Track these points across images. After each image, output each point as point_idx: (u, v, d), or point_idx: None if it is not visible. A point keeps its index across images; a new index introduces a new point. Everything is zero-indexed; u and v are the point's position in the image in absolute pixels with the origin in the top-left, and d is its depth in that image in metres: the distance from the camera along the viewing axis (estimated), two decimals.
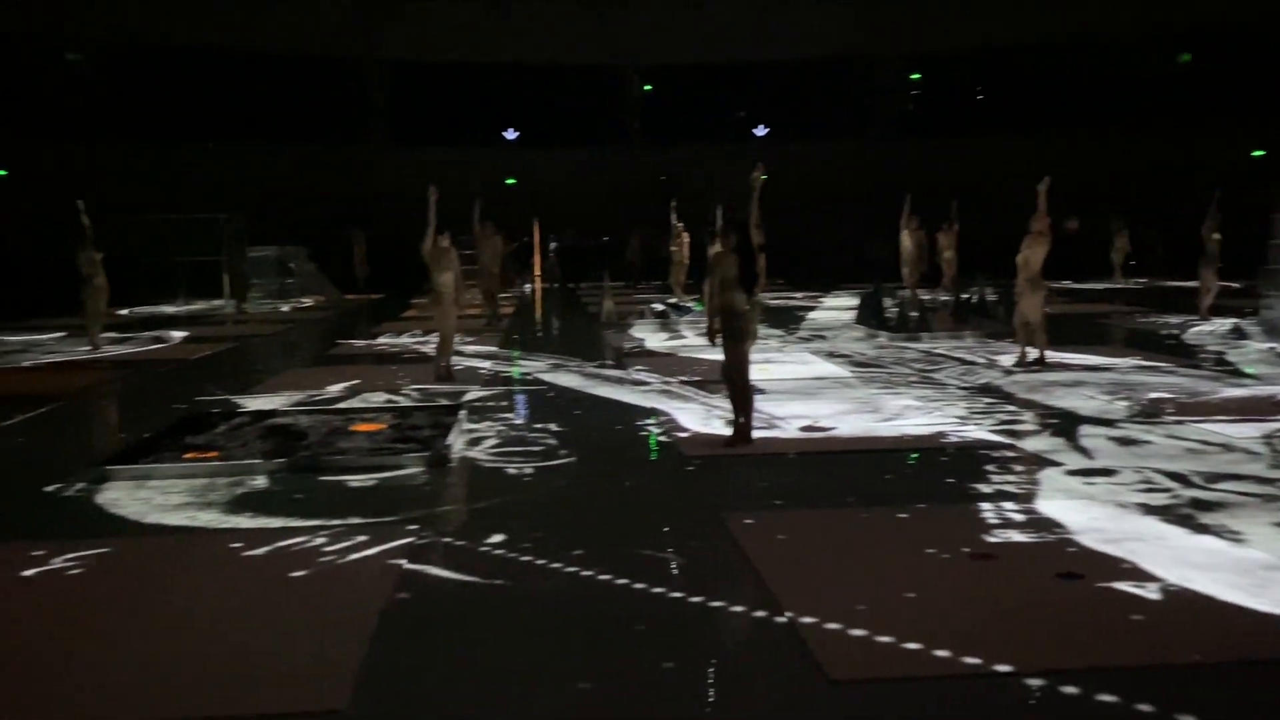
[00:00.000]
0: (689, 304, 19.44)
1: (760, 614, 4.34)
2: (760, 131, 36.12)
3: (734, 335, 7.40)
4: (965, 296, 17.50)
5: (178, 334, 17.36)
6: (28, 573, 4.95)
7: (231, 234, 24.05)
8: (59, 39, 29.36)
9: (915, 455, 7.36)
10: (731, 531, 5.47)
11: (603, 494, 6.55)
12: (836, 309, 19.92)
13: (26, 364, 13.61)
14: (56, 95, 29.41)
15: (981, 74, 36.11)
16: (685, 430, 8.26)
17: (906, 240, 19.78)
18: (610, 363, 12.52)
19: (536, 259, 29.83)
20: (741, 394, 7.54)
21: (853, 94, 36.04)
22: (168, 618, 4.39)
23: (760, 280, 7.59)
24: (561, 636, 4.19)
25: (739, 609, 4.42)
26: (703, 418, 8.69)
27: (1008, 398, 9.50)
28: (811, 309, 20.20)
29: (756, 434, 7.69)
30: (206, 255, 24.71)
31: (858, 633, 4.07)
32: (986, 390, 9.91)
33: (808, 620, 4.19)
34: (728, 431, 7.79)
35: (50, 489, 6.64)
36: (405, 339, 15.87)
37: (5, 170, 27.48)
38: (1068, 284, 23.63)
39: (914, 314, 16.48)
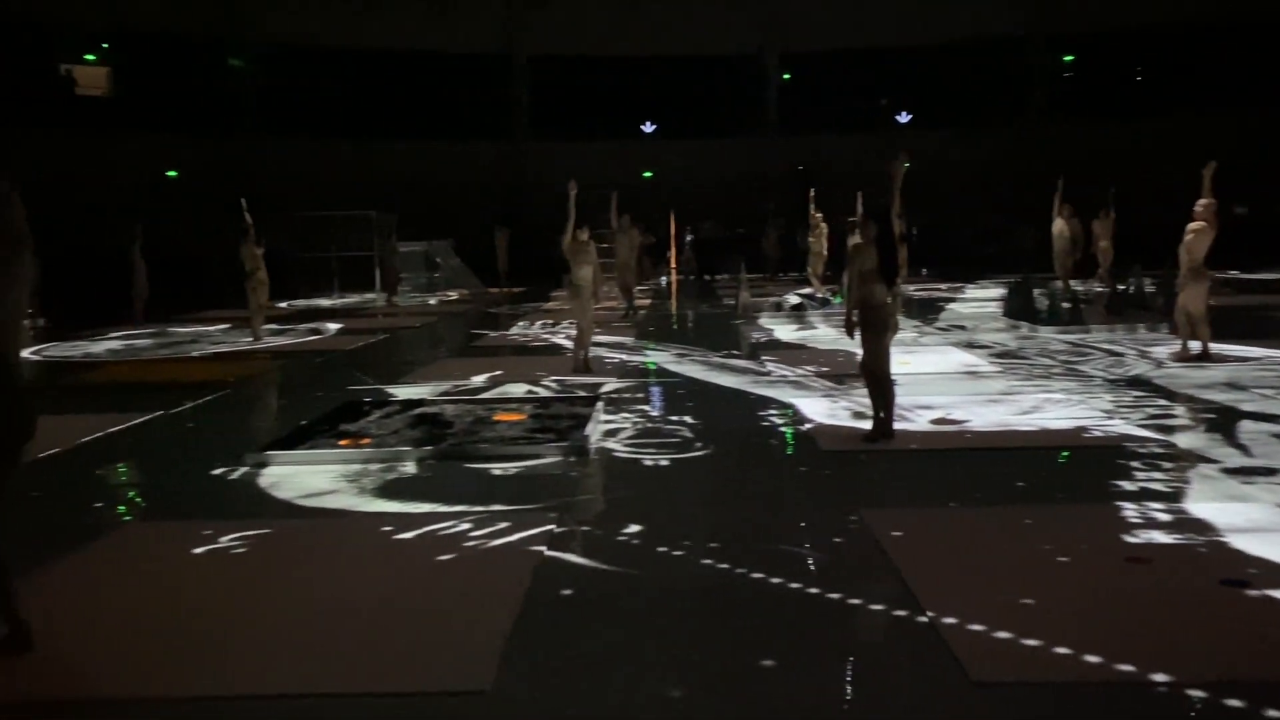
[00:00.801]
0: (827, 296, 19.17)
1: (900, 613, 4.27)
2: (903, 118, 35.28)
3: (874, 328, 7.27)
4: (1122, 287, 16.68)
5: (333, 326, 18.17)
6: (197, 550, 5.28)
7: (383, 230, 25.03)
8: (223, 44, 31.07)
9: (1066, 454, 7.08)
10: (870, 528, 5.38)
11: (739, 487, 6.55)
12: (980, 300, 19.30)
13: (195, 354, 14.49)
14: (221, 98, 31.14)
15: (1140, 53, 34.29)
16: (817, 423, 8.16)
17: (1059, 228, 18.99)
18: (744, 355, 12.48)
19: (673, 252, 29.95)
20: (881, 388, 7.40)
21: (1002, 77, 34.78)
22: (323, 596, 4.61)
23: (901, 271, 7.42)
24: (697, 628, 4.21)
25: (878, 607, 4.35)
26: (833, 411, 8.59)
27: (1159, 391, 9.04)
28: (953, 300, 19.65)
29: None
30: (360, 251, 25.81)
31: (1002, 634, 3.95)
32: (1136, 383, 9.45)
33: (949, 620, 4.09)
34: (859, 425, 7.65)
35: (217, 472, 7.06)
36: (542, 330, 16.19)
37: (175, 171, 29.28)
38: (1234, 274, 22.25)
39: (1066, 305, 15.82)
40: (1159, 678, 3.55)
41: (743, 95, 35.73)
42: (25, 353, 3.62)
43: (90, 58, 30.63)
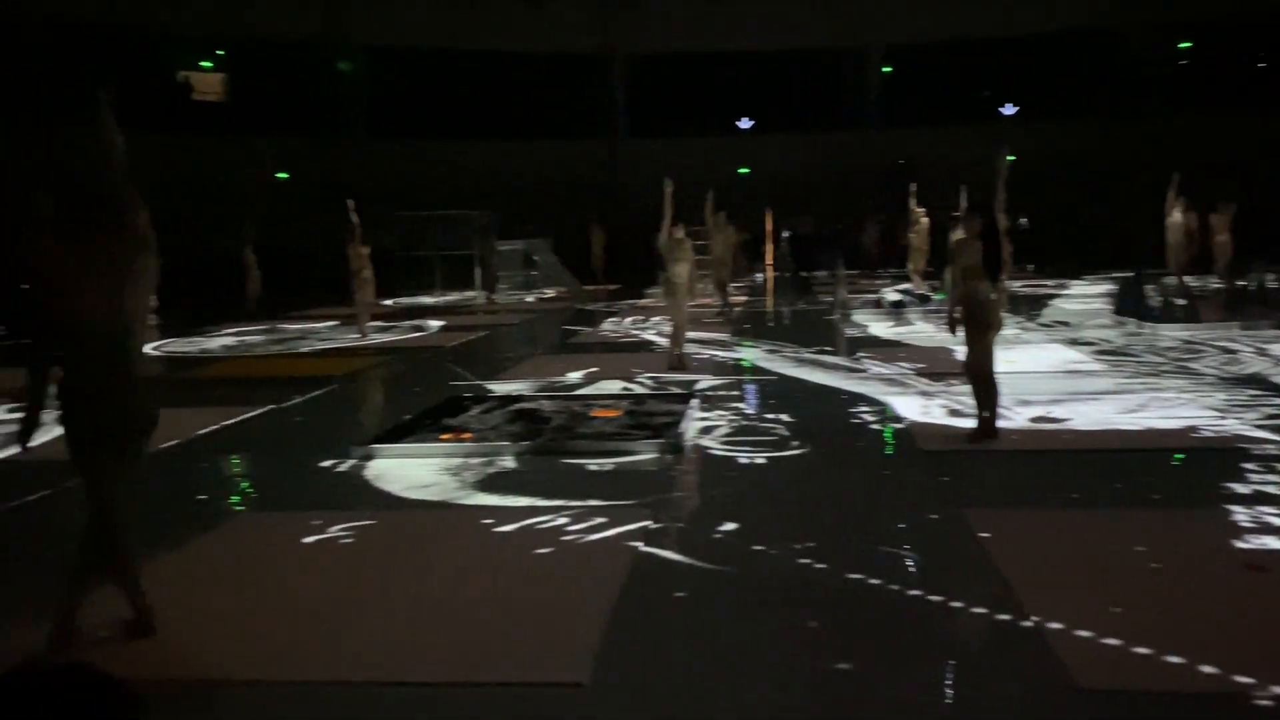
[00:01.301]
0: (928, 293, 18.81)
1: (1003, 616, 4.17)
2: (1008, 110, 34.36)
3: (977, 326, 7.11)
4: (1242, 284, 15.96)
5: (435, 323, 18.57)
6: (307, 539, 5.47)
7: (483, 229, 25.47)
8: (330, 49, 31.99)
9: (1180, 456, 6.82)
10: (973, 529, 5.28)
11: (836, 485, 6.48)
12: (1086, 296, 18.69)
13: (304, 350, 14.98)
14: (329, 102, 32.08)
15: (1261, 40, 32.70)
16: (914, 421, 8.03)
17: (1174, 222, 18.26)
18: (841, 353, 12.34)
19: (769, 248, 29.75)
20: (985, 387, 7.24)
21: (1113, 66, 33.56)
22: (425, 586, 4.73)
23: (1006, 267, 7.25)
24: (793, 628, 4.19)
25: (980, 610, 4.26)
26: (927, 409, 8.44)
27: (1277, 390, 8.62)
28: (1059, 296, 19.08)
29: (971, 422, 7.37)
30: (461, 250, 26.33)
31: (1111, 641, 3.83)
32: (1252, 381, 9.03)
33: (1055, 625, 3.99)
34: (955, 423, 7.50)
35: (325, 464, 7.30)
36: (635, 327, 16.27)
37: (286, 173, 30.28)
38: None
39: (1180, 301, 15.21)
40: None
41: (842, 89, 35.26)
42: (147, 348, 3.80)
43: (206, 65, 31.89)
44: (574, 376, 11.08)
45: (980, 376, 7.22)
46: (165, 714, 1.07)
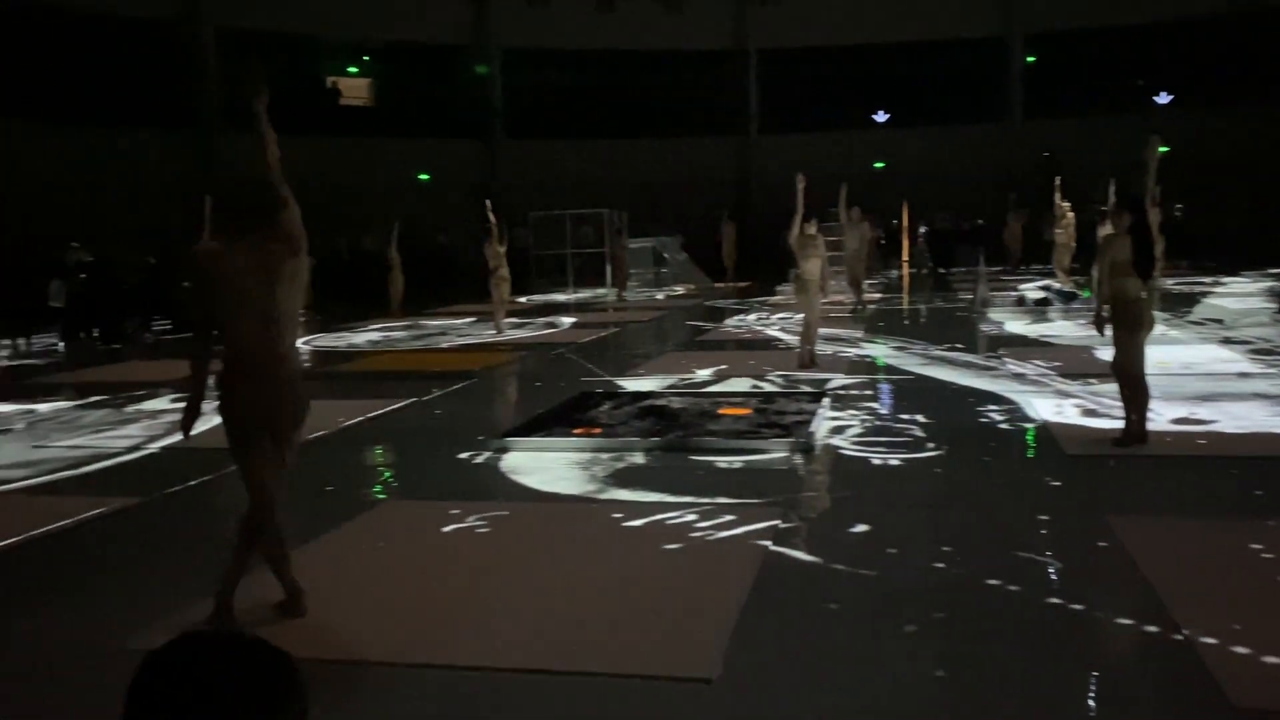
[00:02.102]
0: (1073, 290, 18.06)
1: (1151, 629, 3.99)
2: (1162, 99, 32.64)
3: (1126, 325, 6.80)
4: None
5: (567, 320, 18.87)
6: (445, 528, 5.65)
7: (614, 227, 25.75)
8: (469, 52, 32.85)
9: None
10: (1118, 537, 5.05)
11: (974, 489, 6.31)
12: (1243, 293, 17.61)
13: (444, 345, 15.45)
14: (468, 103, 32.95)
15: None
16: (1055, 423, 7.73)
17: None
18: (980, 351, 11.97)
19: (905, 244, 29.09)
20: (1134, 389, 6.92)
21: (1275, 51, 31.46)
22: (558, 578, 4.83)
23: (1157, 264, 6.91)
24: (925, 632, 4.10)
25: (1126, 621, 4.08)
26: (1060, 408, 8.12)
27: None
28: (1213, 293, 18.04)
29: (1110, 424, 7.03)
30: (593, 247, 26.68)
31: (1271, 659, 3.62)
32: None
33: (1208, 640, 3.79)
34: (1093, 424, 7.18)
35: (463, 456, 7.52)
36: (765, 325, 16.16)
37: (428, 174, 31.25)
38: None
39: None
40: None
41: (983, 80, 34.13)
42: (299, 343, 4.02)
43: (353, 70, 33.20)
44: (703, 374, 11.09)
45: (1129, 378, 6.90)
46: (313, 692, 1.16)
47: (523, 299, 23.14)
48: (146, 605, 4.58)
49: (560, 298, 25.00)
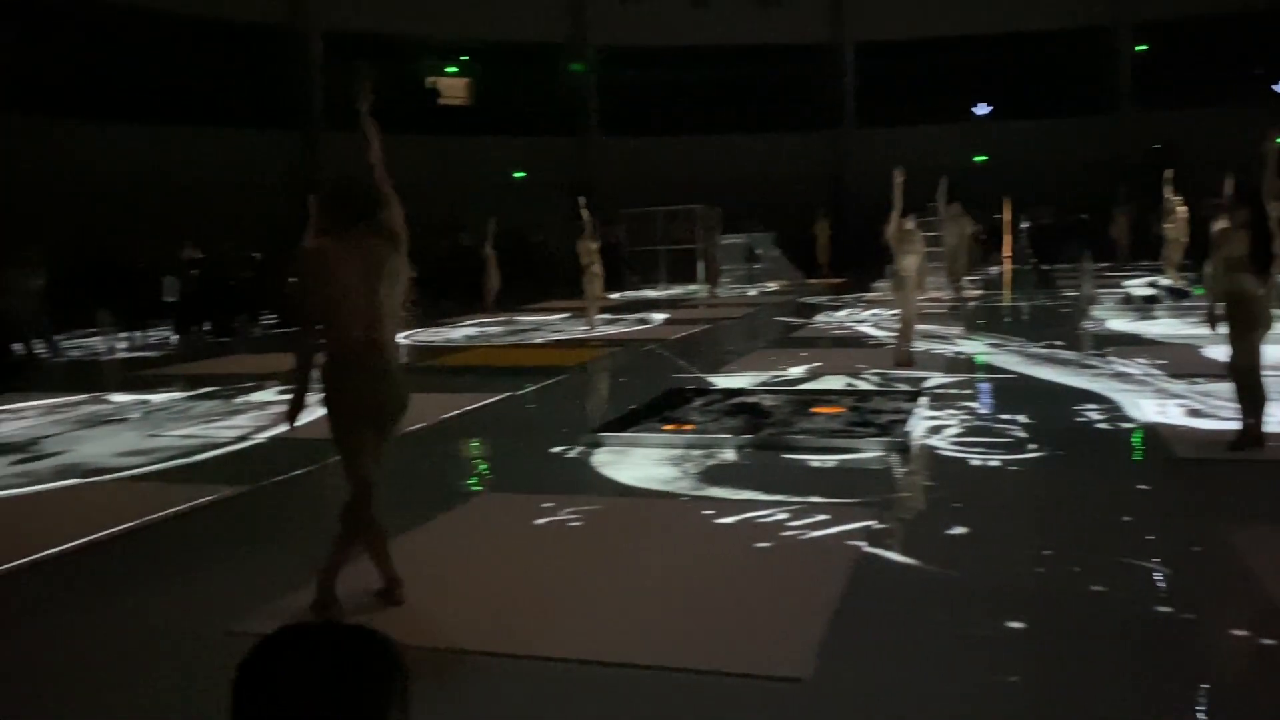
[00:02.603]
0: (1185, 287, 17.36)
1: (1268, 641, 3.81)
2: None
3: (1242, 323, 6.51)
4: None
5: (659, 316, 18.91)
6: (538, 521, 5.72)
7: (707, 223, 25.69)
8: (565, 50, 33.14)
9: None
10: (1233, 545, 4.84)
11: (1078, 492, 6.11)
12: None
13: (538, 341, 15.63)
14: (563, 101, 33.25)
15: None
16: (1169, 424, 7.43)
17: None
18: (1085, 349, 11.60)
19: (1006, 239, 28.35)
20: (1250, 391, 6.62)
21: None
22: (649, 573, 4.84)
23: (1276, 260, 6.59)
24: (1024, 639, 3.99)
25: (1241, 633, 3.91)
26: (1185, 413, 7.79)
27: None
28: None
29: (1217, 425, 6.72)
30: (685, 244, 26.67)
31: None
32: None
33: None
34: (1203, 425, 6.88)
35: (555, 450, 7.59)
36: (860, 321, 15.93)
37: (523, 172, 31.65)
38: None
39: None
40: None
41: (1089, 70, 33.03)
42: (399, 337, 4.12)
43: (451, 70, 33.81)
44: (796, 371, 10.99)
45: (1245, 379, 6.60)
46: (413, 678, 1.21)
47: (615, 295, 23.25)
48: (251, 590, 4.74)
49: (652, 294, 25.06)
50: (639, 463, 7.03)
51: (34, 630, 4.51)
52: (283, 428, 4.77)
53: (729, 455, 7.19)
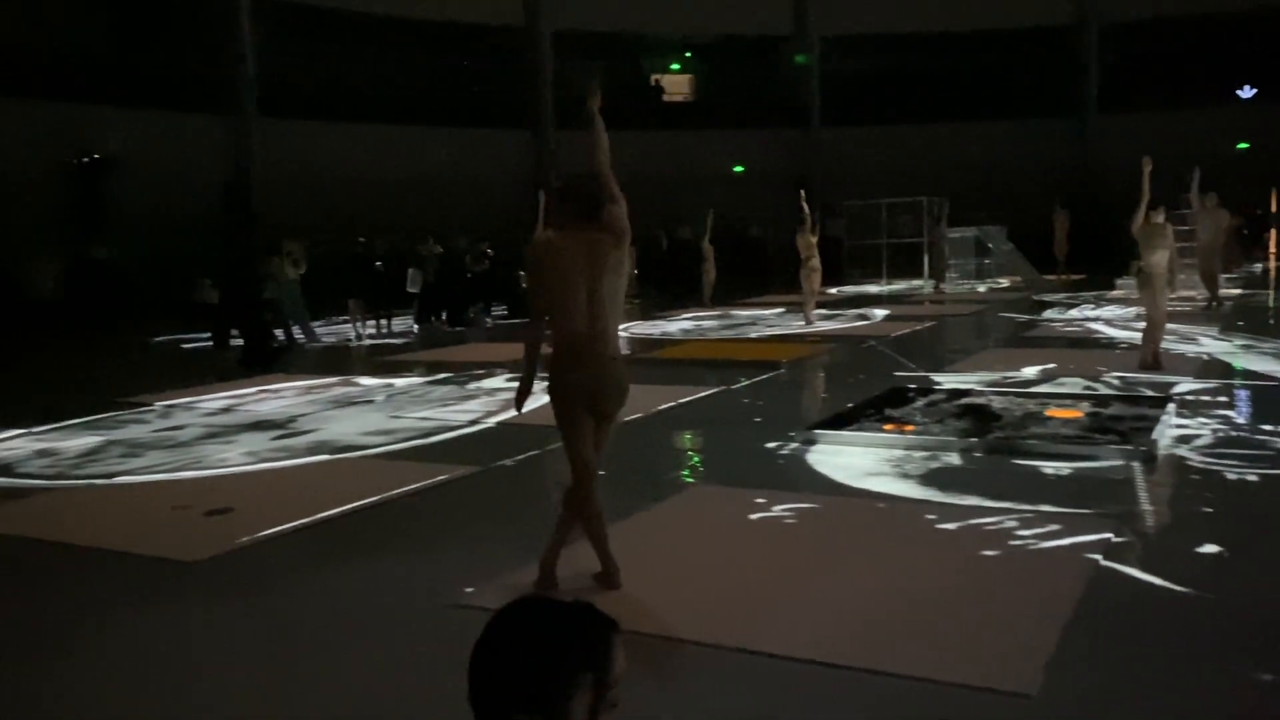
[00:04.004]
0: None
1: None
2: None
3: None
4: None
5: (880, 312, 18.45)
6: (752, 516, 5.70)
7: (933, 215, 24.81)
8: (789, 42, 32.86)
9: None
10: None
11: None
12: None
13: (753, 335, 15.60)
14: (786, 94, 32.99)
15: None
16: None
17: None
18: None
19: (1273, 234, 25.83)
20: None
21: None
22: (866, 574, 4.72)
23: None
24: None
25: None
26: None
27: None
28: None
29: None
30: (909, 237, 25.88)
31: None
32: None
33: None
34: None
35: (770, 445, 7.55)
36: (1099, 320, 14.93)
37: (742, 166, 31.63)
38: None
39: None
40: None
41: None
42: (620, 329, 4.22)
43: (675, 67, 34.27)
44: (1029, 372, 10.43)
45: None
46: (630, 661, 1.32)
47: (833, 290, 22.87)
48: (479, 565, 4.98)
49: (873, 289, 24.48)
50: (856, 462, 6.88)
51: (290, 588, 4.93)
52: (511, 413, 4.98)
53: (953, 458, 6.91)
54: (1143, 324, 10.56)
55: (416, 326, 18.22)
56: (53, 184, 21.79)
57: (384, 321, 17.80)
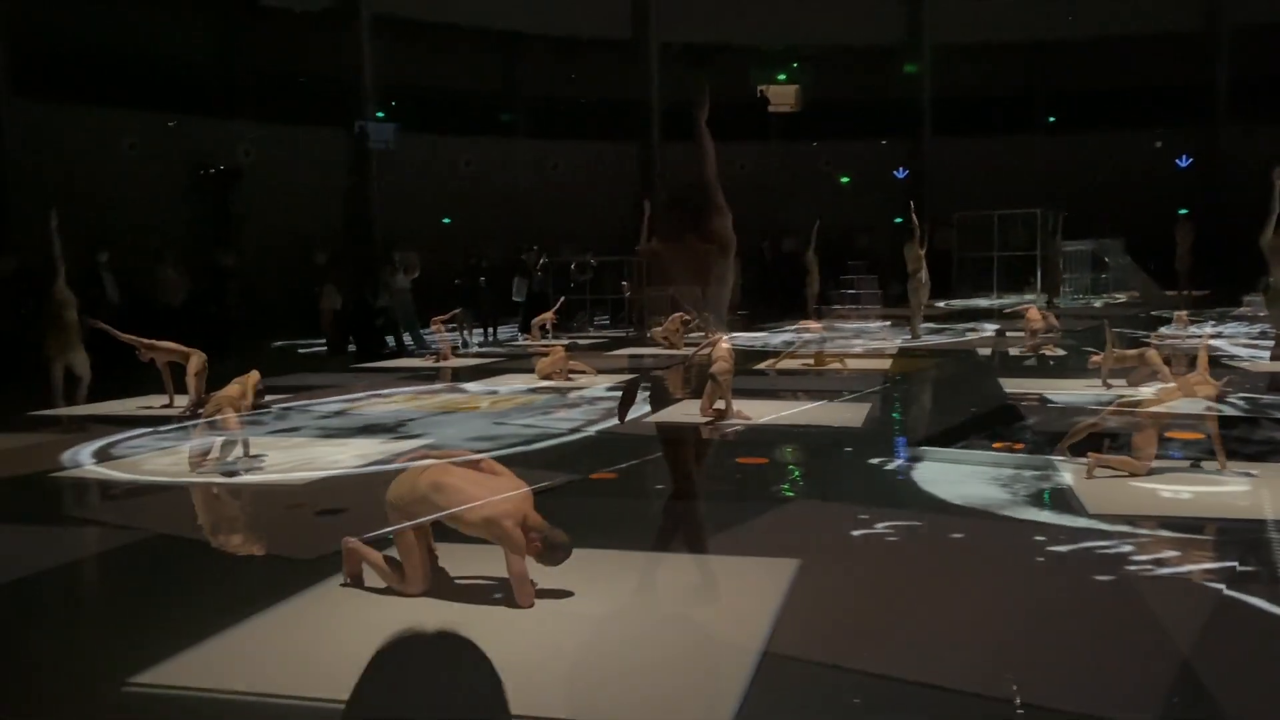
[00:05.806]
0: None
1: None
2: None
3: None
4: None
5: (990, 327, 17.98)
6: (855, 532, 5.62)
7: (1048, 228, 24.07)
8: (900, 51, 32.36)
9: None
10: None
11: None
12: None
13: (858, 348, 15.37)
14: (894, 103, 32.47)
15: None
16: None
17: None
18: None
19: None
20: None
21: None
22: (971, 595, 4.60)
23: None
24: None
25: None
26: None
27: None
28: None
29: None
30: (1022, 250, 25.15)
31: None
32: None
33: None
34: None
35: (874, 461, 7.42)
36: (1222, 338, 14.25)
37: (848, 176, 31.29)
38: None
39: None
40: None
41: None
42: (726, 340, 4.25)
43: (781, 78, 34.08)
44: (1146, 391, 10.01)
45: None
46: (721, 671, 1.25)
47: (941, 304, 22.39)
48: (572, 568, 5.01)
49: (983, 303, 23.89)
50: (964, 480, 6.72)
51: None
52: (612, 421, 5.02)
53: (1065, 478, 6.69)
54: (1271, 341, 10.05)
55: (521, 334, 18.51)
56: (182, 194, 22.86)
57: (491, 329, 18.14)
